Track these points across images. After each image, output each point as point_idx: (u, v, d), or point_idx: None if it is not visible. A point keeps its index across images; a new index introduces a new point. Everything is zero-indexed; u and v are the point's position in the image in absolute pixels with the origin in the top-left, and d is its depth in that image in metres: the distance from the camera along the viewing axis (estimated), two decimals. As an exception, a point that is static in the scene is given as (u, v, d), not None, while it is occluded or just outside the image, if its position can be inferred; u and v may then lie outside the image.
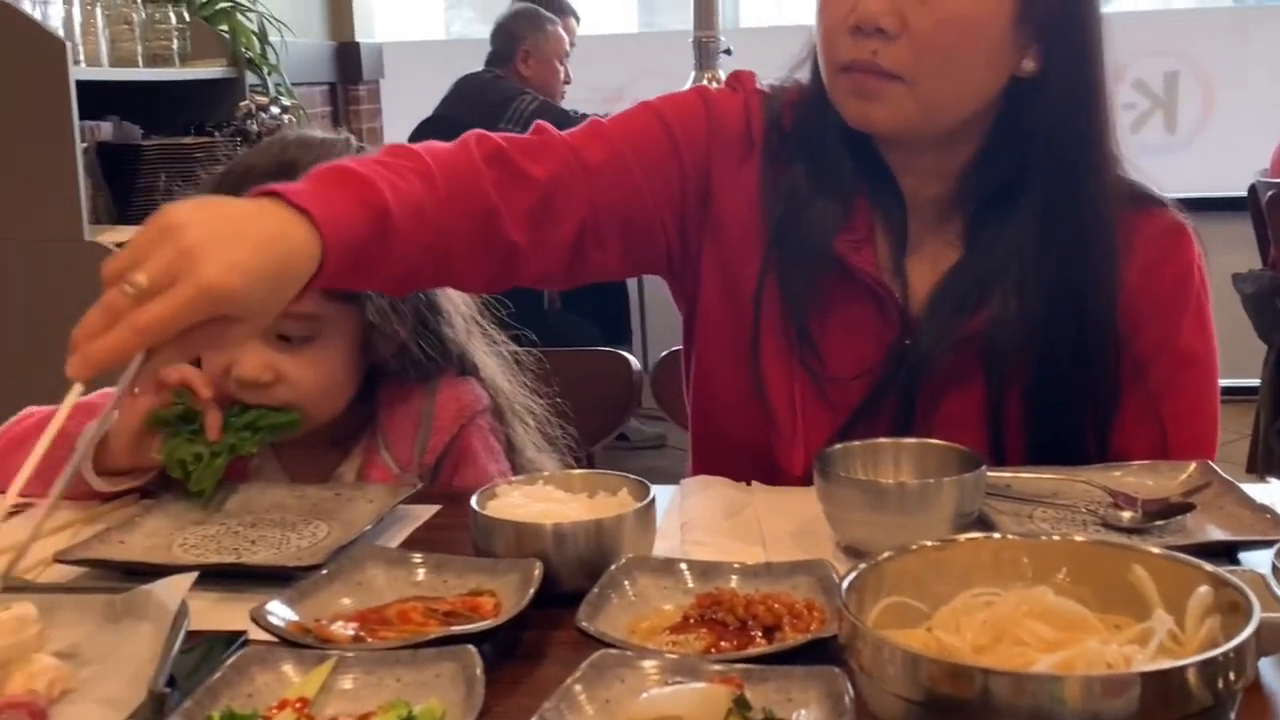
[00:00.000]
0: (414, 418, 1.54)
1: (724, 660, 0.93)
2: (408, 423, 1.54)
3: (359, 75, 5.59)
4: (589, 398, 1.98)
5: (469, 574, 1.13)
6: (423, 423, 1.54)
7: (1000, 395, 1.38)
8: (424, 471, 1.54)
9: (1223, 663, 0.73)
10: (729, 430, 1.48)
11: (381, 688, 0.93)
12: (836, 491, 1.20)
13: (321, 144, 1.54)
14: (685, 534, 1.26)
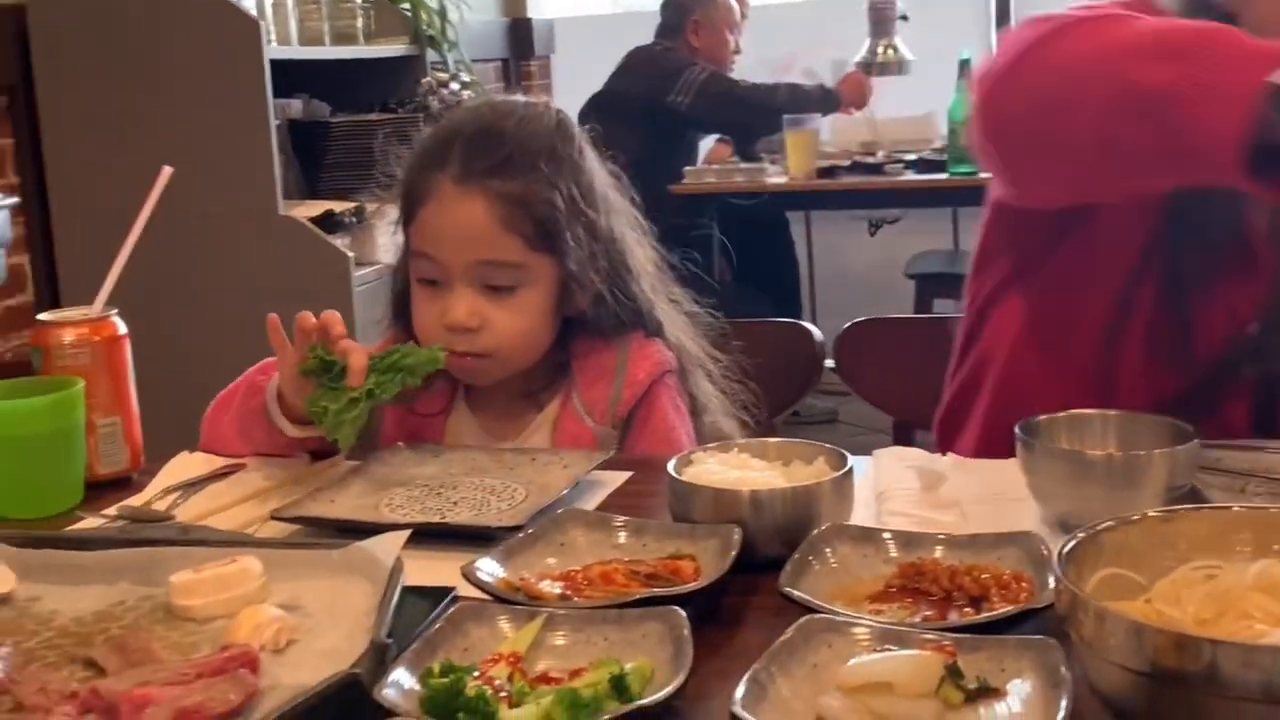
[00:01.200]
0: (607, 373, 1.57)
1: (933, 628, 0.92)
2: (601, 378, 1.57)
3: (531, 51, 5.66)
4: (768, 369, 1.98)
5: (668, 538, 1.15)
6: (616, 377, 1.57)
7: None
8: (615, 423, 1.57)
9: None
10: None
11: (590, 645, 0.95)
12: (1041, 463, 1.17)
13: (524, 108, 1.58)
14: (881, 504, 1.26)
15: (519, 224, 1.48)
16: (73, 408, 1.34)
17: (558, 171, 1.51)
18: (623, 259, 1.58)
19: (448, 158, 1.50)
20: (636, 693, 0.87)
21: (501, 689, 0.89)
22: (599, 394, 1.56)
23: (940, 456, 1.38)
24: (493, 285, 1.49)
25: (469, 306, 1.48)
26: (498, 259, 1.47)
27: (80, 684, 0.91)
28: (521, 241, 1.48)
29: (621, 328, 1.58)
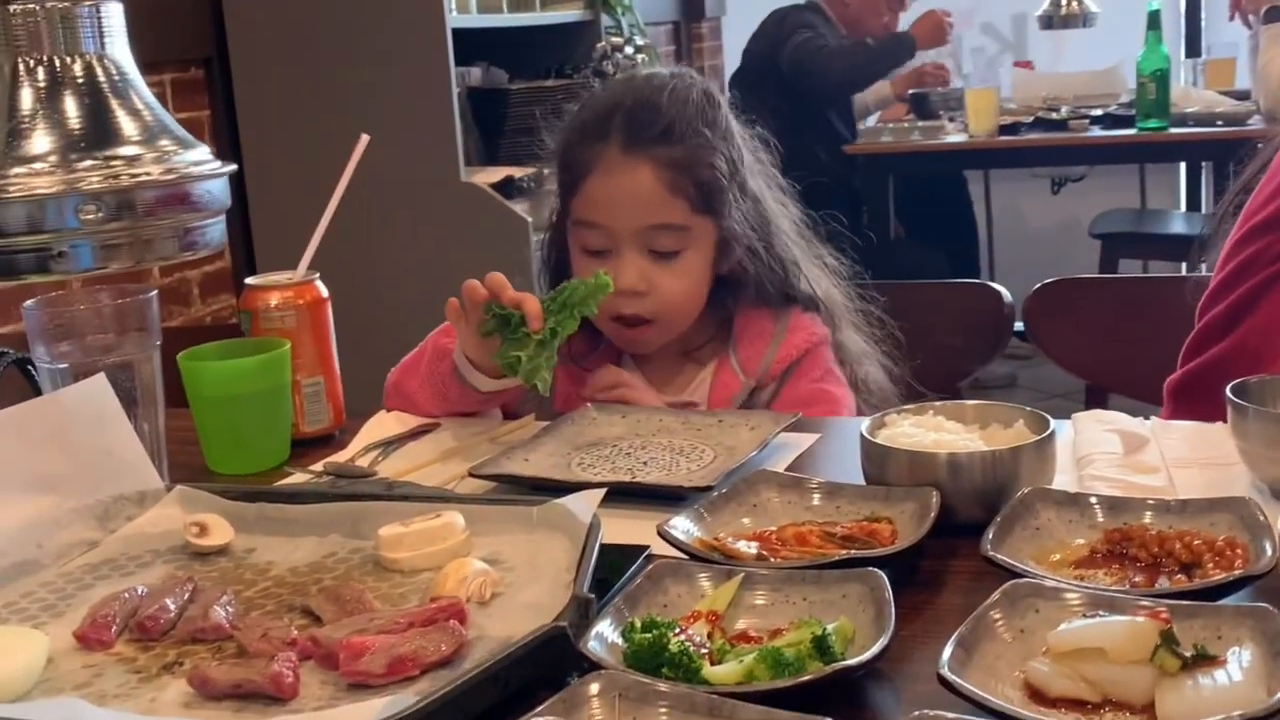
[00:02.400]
0: (765, 338, 1.62)
1: (1145, 595, 0.90)
2: (759, 342, 1.62)
3: (702, 13, 5.64)
4: (951, 333, 1.95)
5: (863, 501, 1.14)
6: (773, 341, 1.61)
7: None
8: (768, 380, 1.60)
9: None
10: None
11: (789, 605, 0.95)
12: (1252, 427, 1.13)
13: (674, 79, 1.62)
14: (1082, 469, 1.22)
15: (683, 187, 1.54)
16: (280, 368, 1.40)
17: (713, 137, 1.57)
18: (768, 217, 1.63)
19: (610, 129, 1.55)
20: (840, 653, 0.87)
21: (702, 646, 0.89)
22: (755, 353, 1.61)
23: (1143, 420, 1.33)
24: (658, 250, 1.55)
25: (638, 270, 1.54)
26: (665, 222, 1.54)
27: (299, 631, 0.95)
28: (686, 204, 1.54)
29: (780, 296, 1.62)
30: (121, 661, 0.95)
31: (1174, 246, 4.32)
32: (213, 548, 1.12)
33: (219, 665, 0.90)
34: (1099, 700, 0.81)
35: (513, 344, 1.39)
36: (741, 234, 1.58)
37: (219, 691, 0.87)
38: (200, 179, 1.17)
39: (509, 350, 1.39)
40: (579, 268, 1.57)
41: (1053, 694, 0.82)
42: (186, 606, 1.00)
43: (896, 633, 0.89)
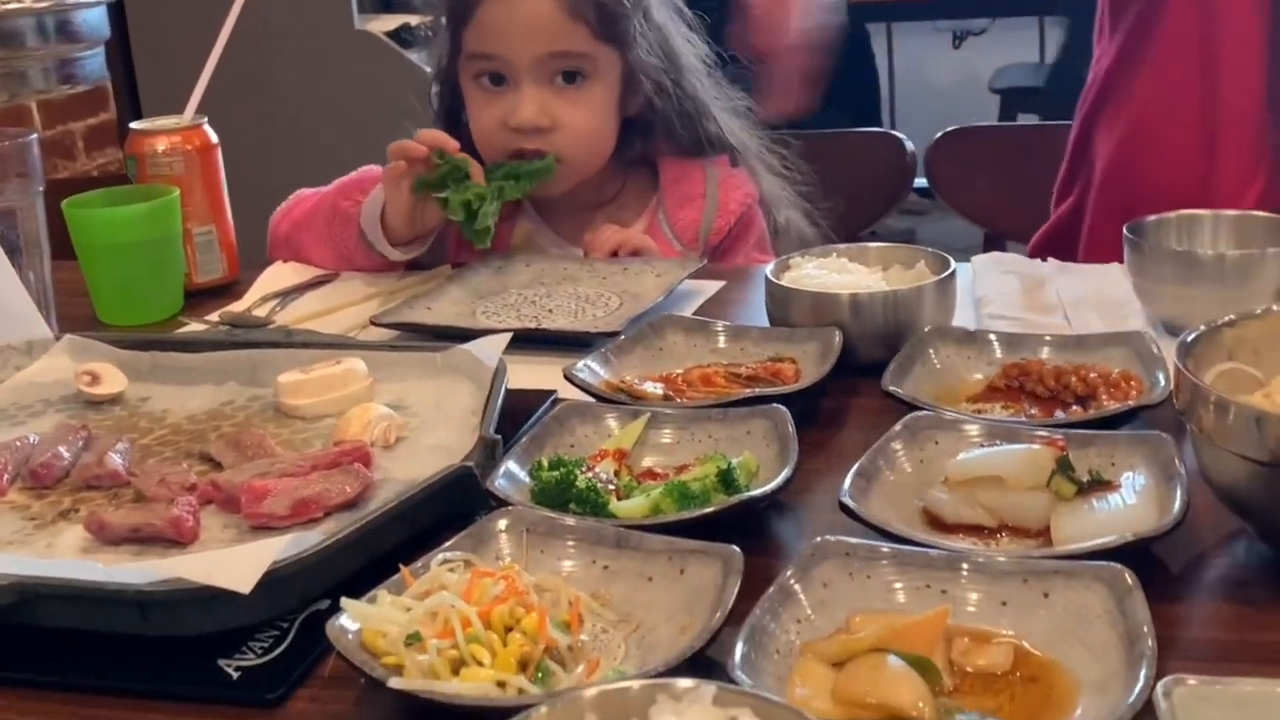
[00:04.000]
0: (696, 198, 1.57)
1: (1042, 425, 0.92)
2: (691, 202, 1.56)
3: None
4: (854, 183, 1.94)
5: (767, 342, 1.14)
6: (706, 203, 1.56)
7: None
8: (706, 250, 1.56)
9: None
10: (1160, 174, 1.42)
11: (694, 443, 0.96)
12: (1148, 263, 1.15)
13: None
14: (982, 309, 1.24)
15: (584, 12, 1.45)
16: (170, 215, 1.35)
17: None
18: (675, 51, 1.56)
19: None
20: (744, 485, 0.88)
21: (609, 483, 0.90)
22: (689, 217, 1.56)
23: (1040, 261, 1.35)
24: (564, 74, 1.47)
25: (538, 104, 1.46)
26: (566, 49, 1.45)
27: (199, 477, 0.93)
28: (587, 30, 1.46)
29: (693, 141, 1.56)
30: (15, 509, 0.92)
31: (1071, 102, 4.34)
32: (106, 396, 1.09)
33: (116, 510, 0.88)
34: (996, 525, 0.83)
35: (462, 192, 1.38)
36: (649, 66, 1.51)
37: (117, 536, 0.85)
38: (76, 7, 1.11)
39: (459, 195, 1.38)
40: (475, 104, 1.50)
41: (951, 521, 0.84)
42: (81, 454, 0.97)
43: (800, 466, 0.90)
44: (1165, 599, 0.75)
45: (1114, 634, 0.67)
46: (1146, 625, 0.66)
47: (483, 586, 0.73)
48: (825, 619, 0.73)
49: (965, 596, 0.73)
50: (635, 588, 0.77)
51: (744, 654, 0.67)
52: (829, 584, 0.74)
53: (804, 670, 0.68)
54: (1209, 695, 0.61)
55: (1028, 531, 0.82)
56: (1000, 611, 0.72)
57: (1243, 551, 0.81)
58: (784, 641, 0.70)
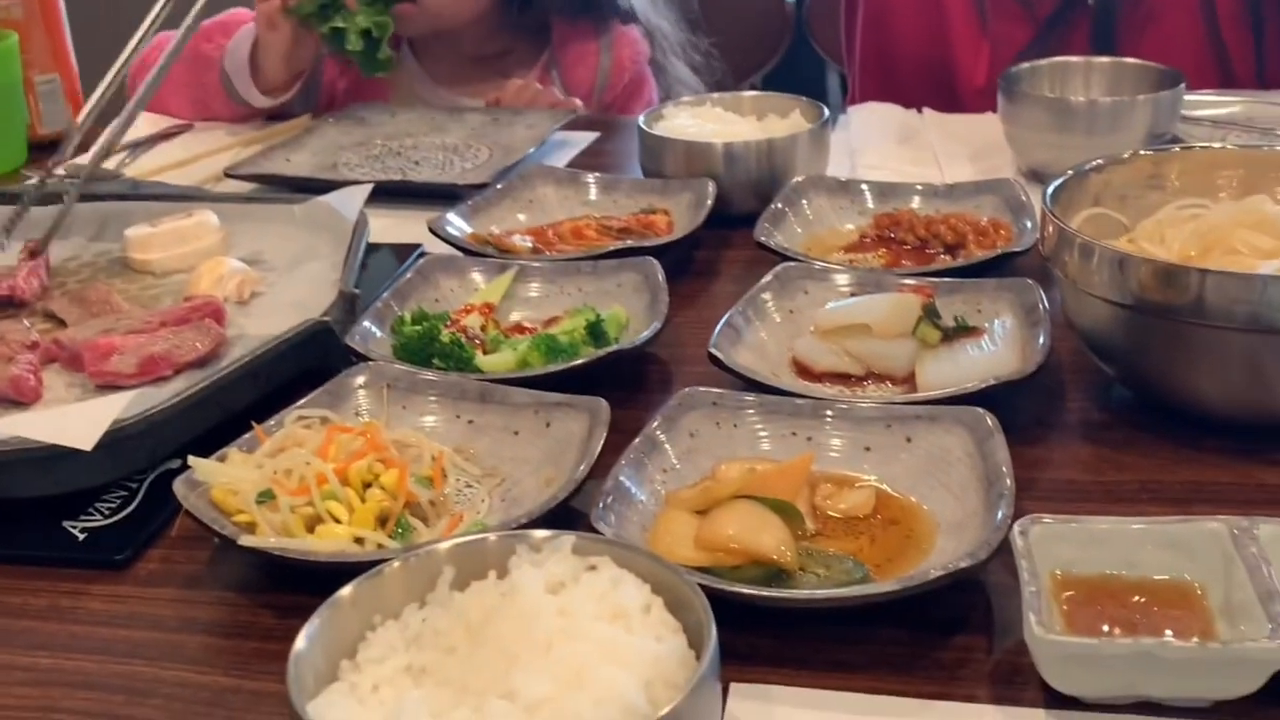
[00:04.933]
0: (590, 56, 1.53)
1: (911, 273, 0.91)
2: (584, 60, 1.53)
3: None
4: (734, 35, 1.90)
5: (640, 194, 1.12)
6: (600, 60, 1.53)
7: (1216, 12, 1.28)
8: (601, 108, 1.54)
9: None
10: (901, 46, 1.41)
11: (564, 296, 0.94)
12: (1021, 111, 1.14)
13: None
14: (857, 159, 1.23)
15: None
16: (9, 62, 1.27)
17: None
18: None
19: None
20: (613, 338, 0.86)
21: (475, 337, 0.87)
22: (583, 76, 1.52)
23: (916, 112, 1.34)
24: None
25: None
26: None
27: (41, 335, 0.88)
28: None
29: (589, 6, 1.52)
30: None
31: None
32: (-60, 255, 1.03)
33: (-50, 372, 0.84)
34: (863, 373, 0.83)
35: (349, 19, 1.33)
36: None
37: (-48, 398, 0.81)
38: None
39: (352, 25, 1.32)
40: None
41: (819, 369, 0.83)
42: (-89, 315, 0.92)
43: (671, 318, 0.89)
44: (1027, 441, 0.76)
45: (974, 476, 0.68)
46: (1005, 466, 0.66)
47: (340, 443, 0.71)
48: (692, 468, 0.72)
49: (829, 443, 0.73)
50: (500, 442, 0.75)
51: (607, 504, 0.66)
52: (696, 434, 0.73)
53: (668, 518, 0.67)
54: (1064, 533, 0.61)
55: (894, 378, 0.82)
56: (864, 456, 0.72)
57: (1104, 395, 0.82)
58: (649, 491, 0.70)
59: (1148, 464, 0.74)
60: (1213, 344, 0.72)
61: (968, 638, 0.61)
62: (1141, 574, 0.61)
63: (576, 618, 0.52)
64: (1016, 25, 1.30)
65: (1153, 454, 0.75)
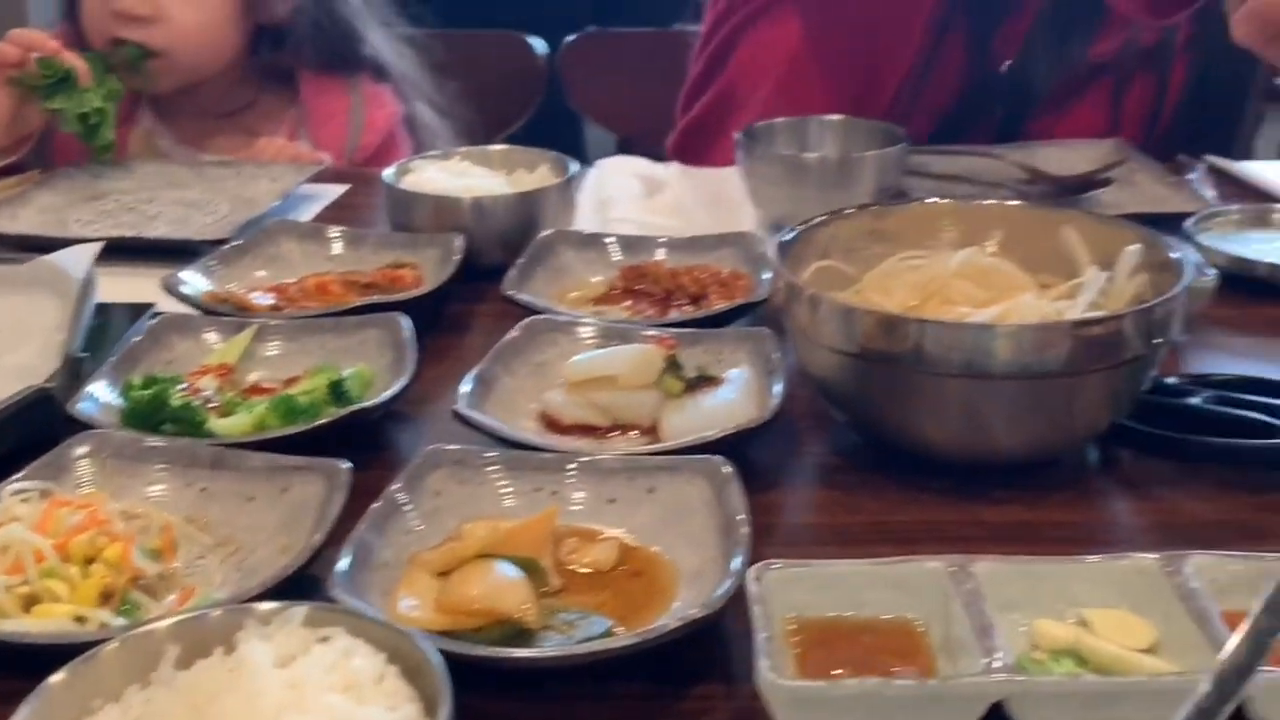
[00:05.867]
0: (341, 118, 1.51)
1: (655, 325, 0.93)
2: (334, 119, 1.51)
3: None
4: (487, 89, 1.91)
5: (387, 248, 1.10)
6: (351, 119, 1.51)
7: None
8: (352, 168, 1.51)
9: (1155, 315, 0.74)
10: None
11: (305, 355, 0.92)
12: (759, 166, 1.18)
13: None
14: (605, 212, 1.24)
15: None
16: None
17: None
18: None
19: None
20: (356, 397, 0.84)
21: (210, 400, 0.84)
22: (334, 133, 1.50)
23: (665, 165, 1.37)
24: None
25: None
26: None
27: None
28: None
29: (341, 60, 1.50)
30: None
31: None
32: None
33: None
34: (609, 424, 0.84)
35: (71, 99, 1.29)
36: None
37: None
38: None
39: (72, 105, 1.28)
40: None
41: (567, 421, 0.84)
42: None
43: (418, 375, 0.88)
44: (766, 487, 0.79)
45: (712, 524, 0.69)
46: (741, 514, 0.68)
47: (58, 517, 0.67)
48: (436, 529, 0.71)
49: (574, 496, 0.73)
50: (235, 509, 0.73)
51: (345, 570, 0.64)
52: (440, 493, 0.73)
53: (410, 582, 0.66)
54: (796, 577, 0.63)
55: (639, 428, 0.83)
56: (608, 509, 0.73)
57: (838, 440, 0.85)
58: (391, 554, 0.68)
59: (878, 505, 0.78)
60: (932, 390, 0.76)
61: (708, 686, 0.62)
62: (870, 614, 0.63)
63: (305, 691, 0.50)
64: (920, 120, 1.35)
65: (883, 495, 0.78)
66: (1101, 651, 0.59)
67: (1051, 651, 0.60)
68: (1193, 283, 0.92)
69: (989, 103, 1.40)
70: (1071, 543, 0.73)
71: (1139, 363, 0.75)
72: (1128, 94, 1.38)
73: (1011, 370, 0.74)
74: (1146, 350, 0.75)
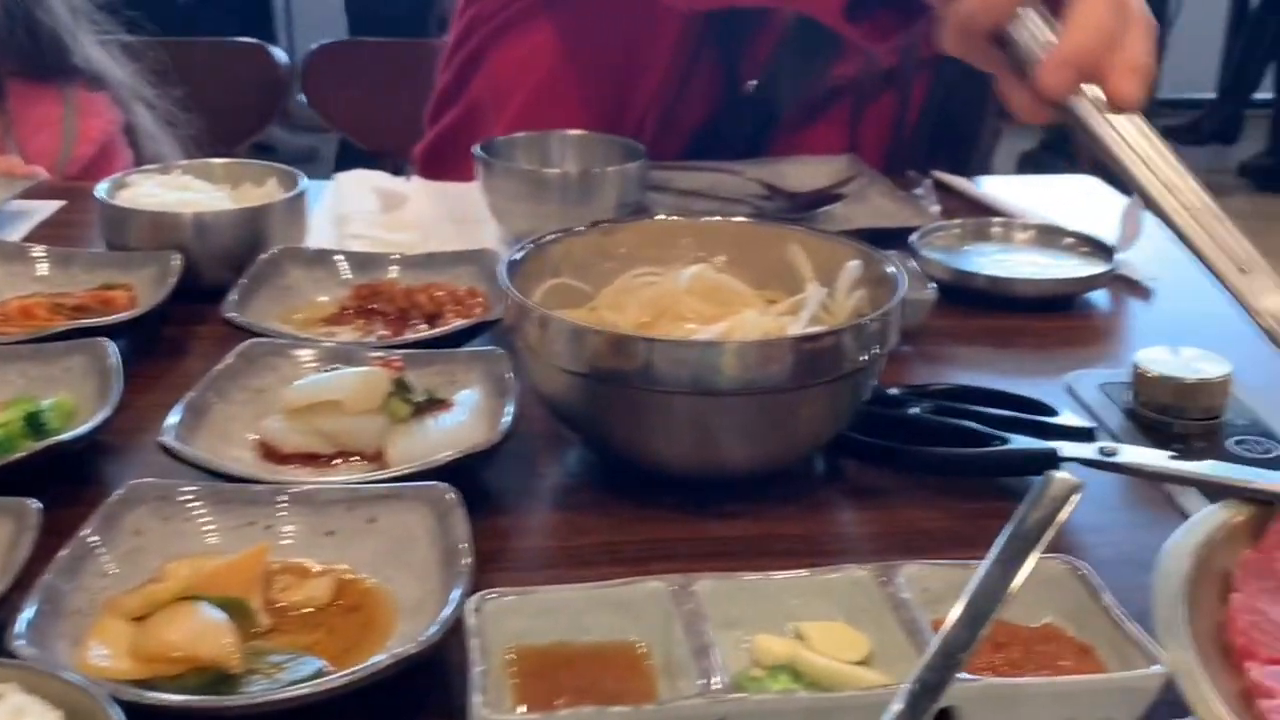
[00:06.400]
0: (52, 127, 1.44)
1: (383, 346, 0.90)
2: (46, 132, 1.44)
3: None
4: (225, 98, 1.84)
5: (99, 268, 1.04)
6: (64, 132, 1.44)
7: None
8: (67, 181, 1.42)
9: (871, 329, 0.76)
10: None
11: (3, 384, 0.85)
12: (499, 182, 1.16)
13: None
14: (342, 228, 1.20)
15: None
16: None
17: None
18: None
19: None
20: (55, 429, 0.79)
21: (-112, 439, 0.77)
22: (45, 144, 1.43)
23: (405, 179, 1.34)
24: None
25: None
26: None
27: None
28: None
29: (53, 69, 1.43)
30: None
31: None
32: None
33: None
34: (333, 451, 0.80)
35: None
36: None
37: None
38: None
39: None
40: None
41: (286, 449, 0.80)
42: None
43: (130, 403, 0.83)
44: (496, 512, 0.77)
45: (435, 553, 0.67)
46: (464, 542, 0.66)
47: None
48: (136, 570, 0.66)
49: (287, 530, 0.69)
50: (-92, 557, 0.66)
51: (30, 620, 0.59)
52: (141, 532, 0.68)
53: (102, 629, 0.61)
54: (517, 605, 0.61)
55: (365, 454, 0.80)
56: (326, 542, 0.69)
57: (571, 461, 0.84)
58: (84, 600, 0.63)
59: (609, 525, 0.77)
60: (662, 407, 0.75)
61: (427, 723, 0.60)
62: (592, 639, 0.62)
63: (-37, 760, 0.46)
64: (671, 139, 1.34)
65: (614, 515, 0.78)
66: (816, 666, 0.59)
67: (770, 668, 0.60)
68: (912, 296, 0.96)
69: (737, 124, 1.42)
70: (798, 555, 0.73)
71: (859, 375, 0.77)
72: (866, 114, 1.42)
73: (737, 386, 0.74)
74: (865, 362, 0.76)
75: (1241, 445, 0.84)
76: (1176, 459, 0.75)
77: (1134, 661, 0.57)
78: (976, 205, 1.32)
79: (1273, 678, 0.59)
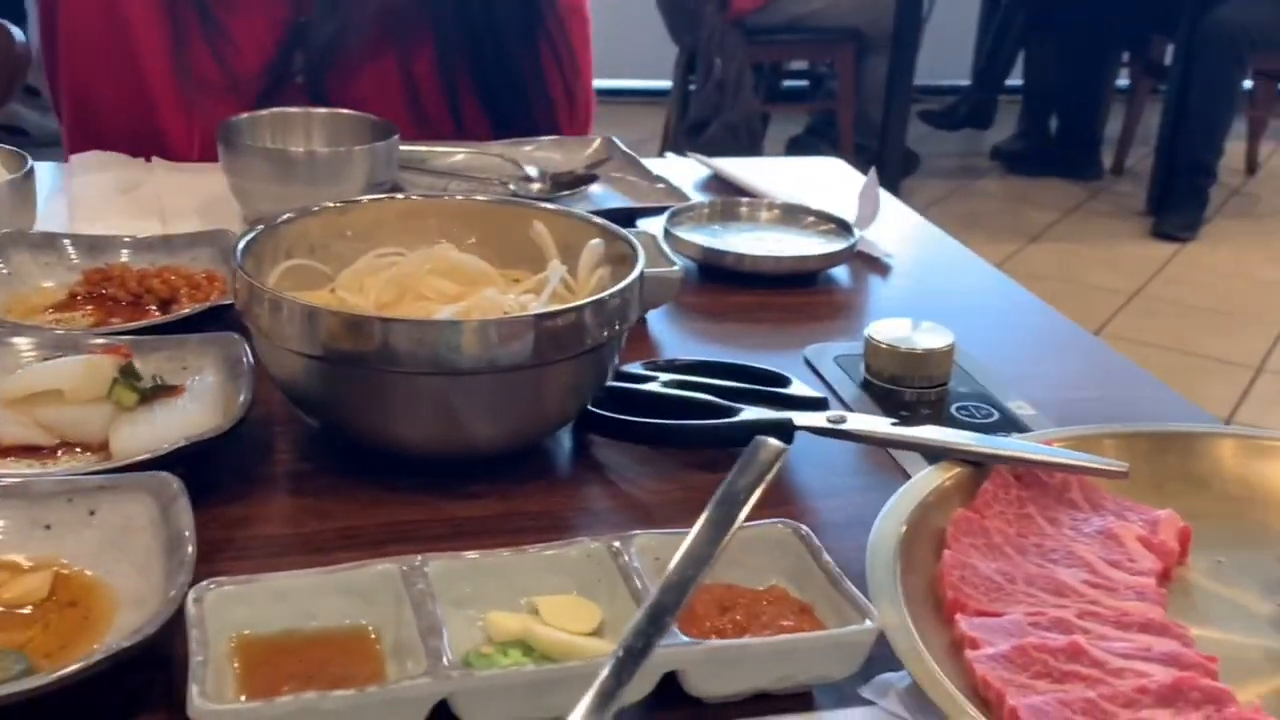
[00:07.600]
0: None
1: (110, 333, 0.86)
2: None
3: None
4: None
5: None
6: None
7: (412, 69, 1.34)
8: None
9: (610, 305, 0.77)
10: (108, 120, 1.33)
11: None
12: (242, 162, 1.13)
13: None
14: (75, 211, 1.15)
15: None
16: None
17: None
18: None
19: None
20: None
21: None
22: None
23: (145, 161, 1.28)
24: None
25: None
26: None
27: None
28: None
29: None
30: None
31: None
32: None
33: None
34: (55, 443, 0.77)
35: None
36: None
37: None
38: None
39: None
40: None
41: (6, 442, 0.76)
42: None
43: None
44: (230, 500, 0.75)
45: (157, 544, 0.64)
46: (188, 531, 0.64)
47: None
48: None
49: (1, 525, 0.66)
50: None
51: None
52: None
53: None
54: (242, 594, 0.60)
55: (90, 445, 0.77)
56: (43, 536, 0.66)
57: (308, 446, 0.82)
58: None
59: (347, 510, 0.75)
60: (403, 389, 0.75)
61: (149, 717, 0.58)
62: (321, 625, 0.61)
63: None
64: (224, 105, 1.27)
65: (353, 499, 0.76)
66: (548, 639, 0.59)
67: (501, 644, 0.60)
68: (658, 273, 0.97)
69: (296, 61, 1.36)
70: (539, 531, 0.74)
71: (601, 351, 0.78)
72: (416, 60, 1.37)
73: (479, 365, 0.73)
74: (607, 338, 0.77)
75: (963, 411, 0.88)
76: (899, 425, 0.78)
77: (849, 618, 0.60)
78: (725, 185, 1.35)
79: (979, 629, 0.62)
